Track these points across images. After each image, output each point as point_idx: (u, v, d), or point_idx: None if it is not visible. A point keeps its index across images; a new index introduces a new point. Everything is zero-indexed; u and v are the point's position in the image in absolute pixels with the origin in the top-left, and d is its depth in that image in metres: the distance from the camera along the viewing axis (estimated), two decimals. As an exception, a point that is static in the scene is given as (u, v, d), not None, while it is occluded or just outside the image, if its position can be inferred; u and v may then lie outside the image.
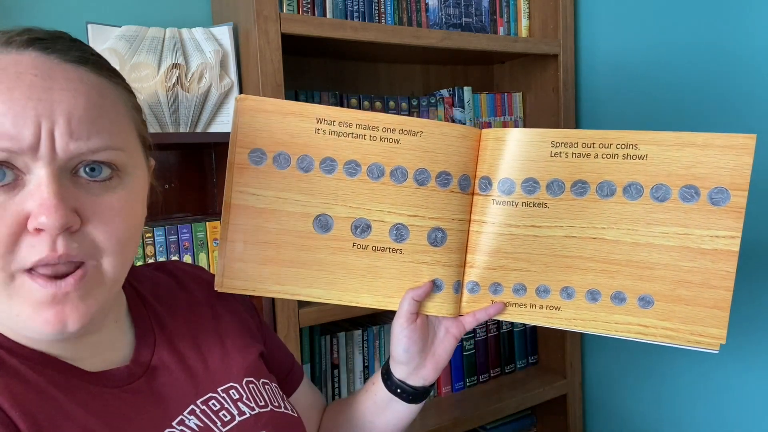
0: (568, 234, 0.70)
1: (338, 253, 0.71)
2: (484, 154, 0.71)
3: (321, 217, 0.70)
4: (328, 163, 0.69)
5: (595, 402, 1.69)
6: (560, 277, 0.71)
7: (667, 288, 0.69)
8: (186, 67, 1.18)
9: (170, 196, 1.31)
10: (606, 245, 0.70)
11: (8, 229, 0.45)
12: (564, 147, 0.69)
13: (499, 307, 0.72)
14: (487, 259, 0.72)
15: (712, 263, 0.67)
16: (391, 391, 0.75)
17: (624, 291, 0.70)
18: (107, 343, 0.57)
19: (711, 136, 0.66)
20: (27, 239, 0.45)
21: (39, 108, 0.45)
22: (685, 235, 0.67)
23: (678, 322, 0.69)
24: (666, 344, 0.70)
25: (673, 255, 0.68)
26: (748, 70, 1.27)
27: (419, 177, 0.70)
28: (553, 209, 0.70)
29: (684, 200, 0.67)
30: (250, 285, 0.71)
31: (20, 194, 0.45)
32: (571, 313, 0.72)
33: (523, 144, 0.69)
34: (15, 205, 0.45)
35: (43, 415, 0.47)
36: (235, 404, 0.61)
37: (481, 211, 0.72)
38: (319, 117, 0.69)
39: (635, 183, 0.68)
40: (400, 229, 0.71)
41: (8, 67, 0.46)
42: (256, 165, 0.69)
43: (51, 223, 0.44)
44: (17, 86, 0.45)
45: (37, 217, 0.45)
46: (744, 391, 1.34)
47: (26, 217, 0.45)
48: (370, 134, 0.69)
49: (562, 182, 0.69)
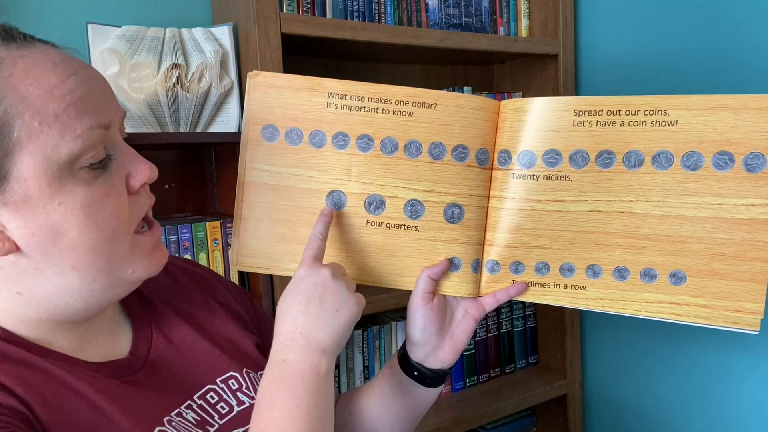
0: (593, 208, 0.66)
1: (352, 230, 0.69)
2: (503, 127, 0.67)
3: (334, 193, 0.68)
4: (341, 138, 0.68)
5: (595, 402, 1.68)
6: (586, 255, 0.67)
7: (700, 262, 0.64)
8: (186, 67, 1.17)
9: (170, 196, 1.29)
10: (634, 219, 0.65)
11: (125, 196, 0.52)
12: (587, 115, 0.65)
13: (520, 287, 0.69)
14: (507, 236, 0.68)
15: (748, 234, 0.63)
16: (408, 374, 0.72)
17: (654, 267, 0.66)
18: (104, 337, 0.57)
19: (745, 98, 0.61)
20: (134, 200, 0.54)
21: (100, 85, 0.52)
22: (718, 205, 0.63)
23: (712, 297, 0.64)
24: (702, 325, 0.65)
25: (707, 227, 0.64)
26: (747, 70, 1.26)
27: (434, 151, 0.67)
28: (577, 182, 0.66)
29: (717, 168, 0.63)
30: (264, 263, 0.70)
31: (112, 166, 0.52)
32: (598, 293, 0.68)
33: (544, 114, 0.65)
34: (117, 176, 0.52)
35: (50, 392, 0.48)
36: (234, 394, 0.61)
37: (500, 187, 0.68)
38: (331, 91, 0.67)
39: (665, 151, 0.64)
40: (415, 206, 0.68)
41: (43, 58, 0.48)
42: (269, 141, 0.68)
43: (153, 172, 0.54)
44: (74, 71, 0.49)
45: (141, 174, 0.53)
46: (744, 391, 1.33)
47: (127, 182, 0.53)
48: (383, 107, 0.67)
49: (586, 153, 0.65)
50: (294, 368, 0.55)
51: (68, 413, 0.48)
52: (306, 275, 0.60)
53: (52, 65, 0.48)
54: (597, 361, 1.66)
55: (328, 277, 0.60)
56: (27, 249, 0.48)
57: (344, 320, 0.59)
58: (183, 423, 0.55)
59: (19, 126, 0.46)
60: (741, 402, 1.34)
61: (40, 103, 0.46)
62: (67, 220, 0.48)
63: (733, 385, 1.35)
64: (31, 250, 0.48)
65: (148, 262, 0.55)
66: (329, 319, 0.58)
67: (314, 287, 0.59)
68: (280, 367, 0.55)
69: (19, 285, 0.50)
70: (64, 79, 0.48)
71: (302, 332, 0.57)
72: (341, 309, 0.59)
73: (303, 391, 0.53)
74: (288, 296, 0.60)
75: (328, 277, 0.60)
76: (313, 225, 0.67)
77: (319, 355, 0.56)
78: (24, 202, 0.47)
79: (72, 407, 0.49)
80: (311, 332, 0.57)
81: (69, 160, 0.47)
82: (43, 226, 0.48)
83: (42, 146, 0.46)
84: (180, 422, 0.55)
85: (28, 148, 0.46)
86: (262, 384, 0.55)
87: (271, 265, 0.70)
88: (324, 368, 0.55)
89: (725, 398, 1.37)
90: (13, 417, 0.45)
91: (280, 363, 0.55)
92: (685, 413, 1.45)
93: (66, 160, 0.47)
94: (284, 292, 0.61)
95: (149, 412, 0.53)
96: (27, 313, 0.52)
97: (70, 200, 0.48)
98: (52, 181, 0.47)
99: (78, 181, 0.48)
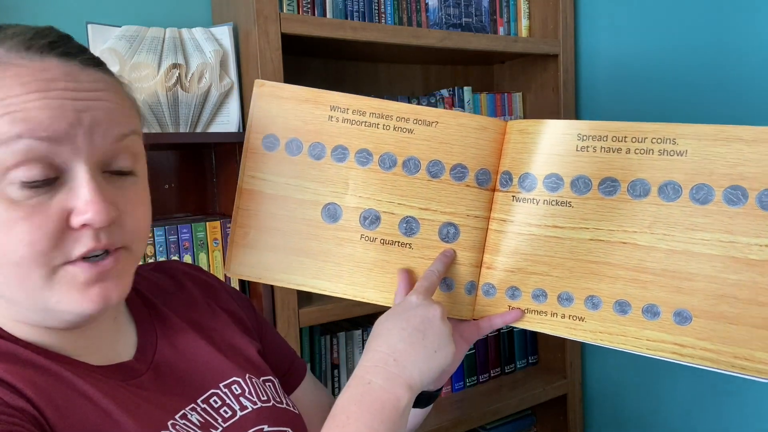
0: (594, 237, 0.62)
1: (345, 245, 0.67)
2: (507, 148, 0.64)
3: (330, 206, 0.67)
4: (340, 151, 0.67)
5: (595, 402, 1.67)
6: (585, 285, 0.63)
7: (707, 303, 0.59)
8: (186, 67, 1.14)
9: (170, 196, 1.27)
10: (638, 251, 0.61)
11: (54, 226, 0.46)
12: (592, 140, 0.61)
13: (517, 314, 0.67)
14: (505, 260, 0.65)
15: (761, 276, 0.57)
16: None
17: (657, 304, 0.61)
18: (109, 342, 0.56)
19: (761, 130, 0.56)
20: (70, 234, 0.47)
21: (76, 105, 0.47)
22: (729, 243, 0.58)
23: (719, 342, 0.59)
24: (706, 368, 0.61)
25: (716, 265, 0.58)
26: (748, 70, 1.24)
27: (432, 169, 0.65)
28: (578, 209, 0.62)
29: (729, 203, 0.58)
30: (256, 272, 0.69)
31: (60, 193, 0.46)
32: (597, 325, 0.64)
33: (548, 137, 0.62)
34: (57, 204, 0.46)
35: (59, 394, 0.47)
36: (237, 399, 0.59)
37: (501, 209, 0.65)
38: (333, 104, 0.67)
39: (672, 182, 0.59)
40: (410, 222, 0.66)
41: (38, 74, 0.46)
42: (269, 150, 0.68)
43: (100, 219, 0.46)
44: (52, 88, 0.46)
45: (83, 213, 0.46)
46: (745, 391, 1.32)
47: (68, 214, 0.46)
48: (383, 123, 0.66)
49: (589, 179, 0.62)
50: (377, 395, 0.54)
51: (76, 416, 0.47)
52: (417, 305, 0.59)
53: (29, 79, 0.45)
54: (597, 361, 1.65)
55: (438, 315, 0.59)
56: None
57: (438, 363, 0.57)
58: (187, 426, 0.53)
59: None
60: (741, 402, 1.34)
61: None
62: None
63: (734, 385, 1.34)
64: None
65: (79, 297, 0.48)
66: (426, 356, 0.57)
67: (422, 320, 0.58)
68: (364, 389, 0.54)
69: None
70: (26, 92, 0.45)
71: (396, 359, 0.56)
72: (439, 351, 0.58)
73: (379, 423, 0.52)
74: (392, 318, 0.59)
75: (438, 315, 0.59)
76: (306, 237, 0.66)
77: (404, 390, 0.55)
78: None
79: (80, 410, 0.48)
80: (405, 362, 0.56)
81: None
82: None
83: None
84: (184, 425, 0.53)
85: None
86: (343, 397, 0.55)
87: (263, 274, 0.69)
88: (404, 403, 0.54)
89: (725, 398, 1.36)
90: (24, 419, 0.44)
91: (365, 384, 0.55)
92: (685, 413, 1.45)
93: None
94: (389, 313, 0.60)
95: (154, 416, 0.52)
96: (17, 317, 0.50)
97: None
98: None
99: (1, 195, 0.45)
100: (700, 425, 1.41)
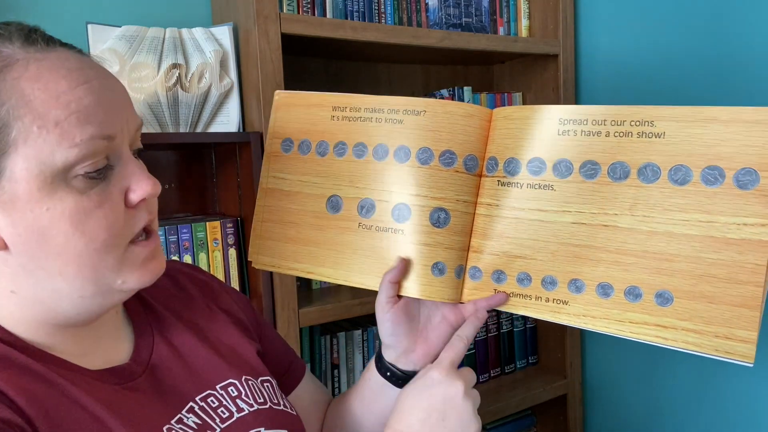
0: (576, 220, 0.63)
1: (346, 233, 0.71)
2: (493, 134, 0.66)
3: (333, 198, 0.73)
4: (340, 147, 0.72)
5: (595, 402, 1.67)
6: (568, 268, 0.64)
7: (688, 283, 0.59)
8: (186, 67, 1.15)
9: (170, 196, 1.27)
10: (619, 234, 0.61)
11: (121, 208, 0.51)
12: (572, 124, 0.62)
13: (501, 297, 0.67)
14: (490, 243, 0.66)
15: (740, 255, 0.57)
16: (382, 374, 0.71)
17: (639, 286, 0.61)
18: (106, 342, 0.57)
19: (736, 110, 0.57)
20: (130, 213, 0.52)
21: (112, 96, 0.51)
22: (708, 223, 0.58)
23: (700, 322, 0.58)
24: (693, 352, 0.60)
25: (695, 245, 0.58)
26: (747, 70, 1.23)
27: (422, 156, 0.67)
28: (560, 192, 0.63)
29: (706, 183, 0.58)
30: (275, 262, 0.76)
31: (113, 177, 0.51)
32: (580, 309, 0.64)
33: (531, 122, 0.64)
34: (115, 187, 0.51)
35: (52, 403, 0.48)
36: (233, 401, 0.60)
37: (487, 193, 0.67)
38: (334, 105, 0.73)
39: (651, 164, 0.60)
40: (402, 209, 0.68)
41: (59, 63, 0.48)
42: (286, 152, 0.76)
43: (155, 190, 0.52)
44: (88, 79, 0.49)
45: (140, 190, 0.51)
46: (745, 391, 1.31)
47: (125, 195, 0.51)
48: (376, 117, 0.71)
49: (570, 163, 0.62)
50: None
51: (68, 425, 0.47)
52: (440, 382, 0.59)
53: (65, 71, 0.47)
54: (597, 361, 1.65)
55: (460, 393, 0.59)
56: (14, 249, 0.48)
57: None
58: (184, 430, 0.54)
59: (18, 128, 0.45)
60: (741, 402, 1.33)
61: (44, 108, 0.46)
62: (54, 225, 0.47)
63: (734, 384, 1.33)
64: (18, 250, 0.48)
65: (141, 272, 0.53)
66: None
67: (442, 400, 0.58)
68: None
69: (11, 283, 0.50)
70: (74, 86, 0.47)
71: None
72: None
73: None
74: (415, 393, 0.60)
75: (460, 393, 0.59)
76: (314, 228, 0.72)
77: None
78: (12, 202, 0.47)
79: (72, 419, 0.48)
80: None
81: (63, 168, 0.47)
82: (30, 228, 0.47)
83: (38, 150, 0.46)
84: (180, 429, 0.54)
85: (24, 151, 0.46)
86: None
87: (280, 264, 0.75)
88: None
89: (726, 398, 1.35)
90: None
91: None
92: (686, 413, 1.44)
93: (60, 167, 0.47)
94: (413, 383, 0.61)
95: (150, 421, 0.52)
96: (24, 315, 0.51)
97: (59, 207, 0.47)
98: (43, 185, 0.47)
99: (70, 189, 0.48)
100: (700, 425, 1.41)
